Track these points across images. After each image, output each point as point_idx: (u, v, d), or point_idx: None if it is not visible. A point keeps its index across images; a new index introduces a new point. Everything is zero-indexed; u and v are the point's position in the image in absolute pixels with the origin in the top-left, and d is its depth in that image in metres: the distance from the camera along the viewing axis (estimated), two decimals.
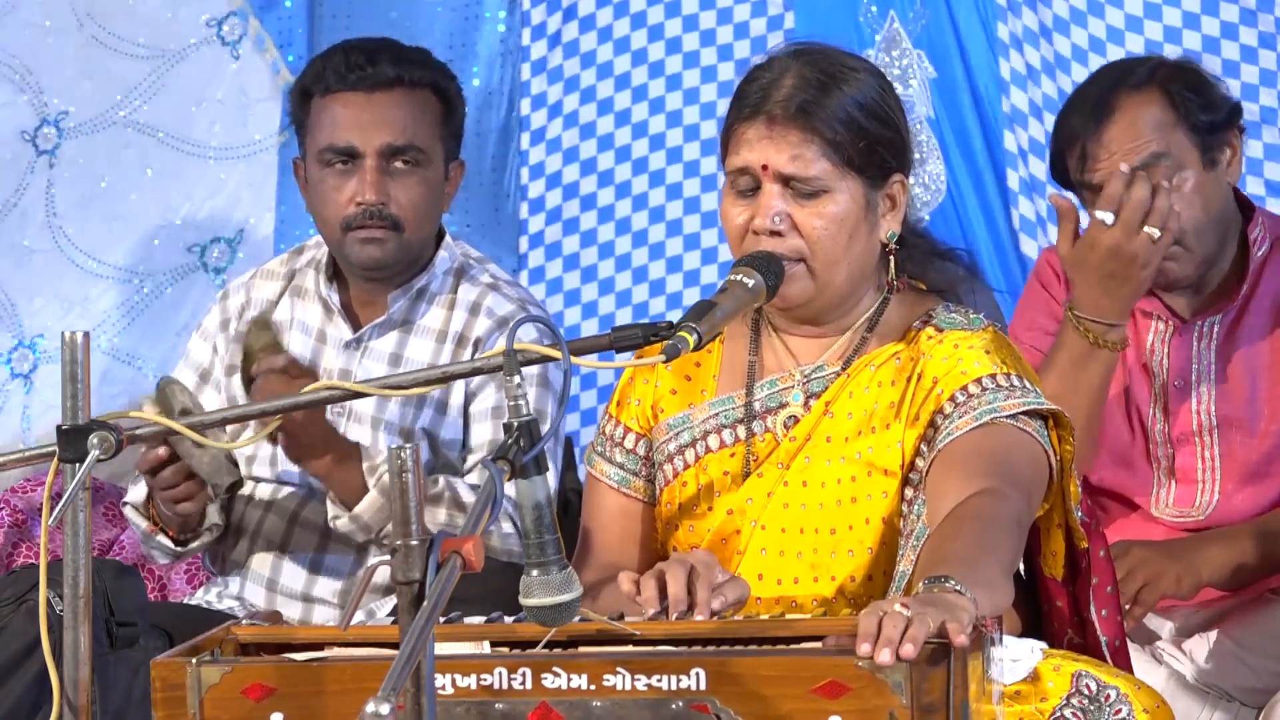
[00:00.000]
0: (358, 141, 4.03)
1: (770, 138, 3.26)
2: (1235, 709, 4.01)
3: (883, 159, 3.29)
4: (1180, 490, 4.05)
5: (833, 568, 3.28)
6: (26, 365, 5.26)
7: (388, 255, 4.04)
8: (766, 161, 3.26)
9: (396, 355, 4.08)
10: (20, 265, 5.26)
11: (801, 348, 3.38)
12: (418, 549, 2.46)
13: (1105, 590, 3.38)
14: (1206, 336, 4.06)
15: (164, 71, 5.28)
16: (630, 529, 3.46)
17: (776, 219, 3.25)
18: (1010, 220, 5.05)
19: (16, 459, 3.21)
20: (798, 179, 3.25)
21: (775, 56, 3.35)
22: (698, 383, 3.43)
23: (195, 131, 5.30)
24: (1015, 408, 3.22)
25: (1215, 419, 4.04)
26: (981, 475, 3.12)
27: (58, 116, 5.24)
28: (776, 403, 3.36)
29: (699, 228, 5.18)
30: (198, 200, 5.31)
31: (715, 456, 3.37)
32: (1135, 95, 3.96)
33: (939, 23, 5.03)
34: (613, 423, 3.48)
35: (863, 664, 2.64)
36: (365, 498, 3.88)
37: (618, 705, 2.70)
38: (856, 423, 3.30)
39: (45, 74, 5.23)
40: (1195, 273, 4.01)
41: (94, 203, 5.27)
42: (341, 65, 4.05)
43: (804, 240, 3.26)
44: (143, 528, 3.98)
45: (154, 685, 2.80)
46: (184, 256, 5.29)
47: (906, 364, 3.30)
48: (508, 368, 2.67)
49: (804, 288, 3.28)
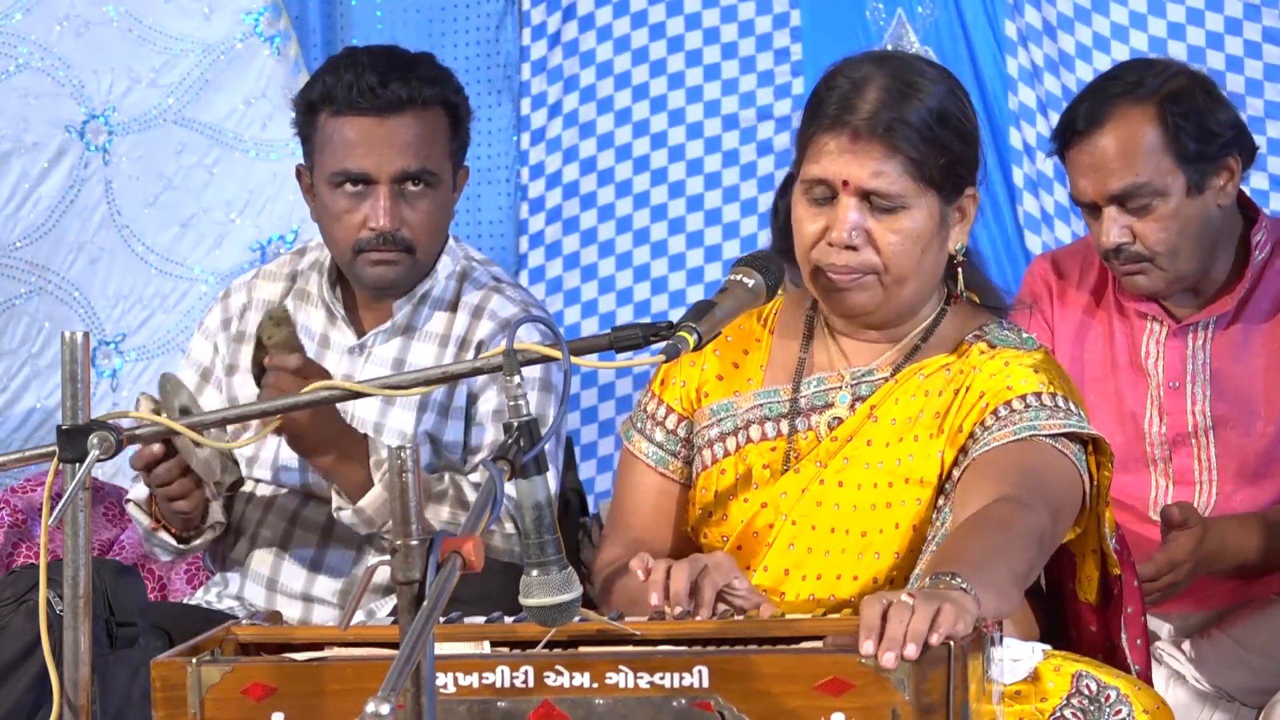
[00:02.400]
0: (371, 168, 3.96)
1: (853, 152, 3.23)
2: (1235, 709, 4.00)
3: (959, 175, 3.28)
4: (1178, 492, 4.04)
5: (857, 569, 3.27)
6: (110, 365, 5.28)
7: (400, 276, 4.03)
8: (848, 177, 3.23)
9: (400, 360, 4.07)
10: (91, 264, 5.26)
11: (854, 350, 3.37)
12: (418, 549, 2.45)
13: (1138, 619, 3.37)
14: (1201, 338, 4.05)
15: (208, 67, 5.29)
16: (665, 508, 3.45)
17: (854, 234, 3.24)
18: (1016, 216, 5.05)
19: (16, 459, 3.21)
20: (879, 194, 3.24)
21: (855, 62, 3.32)
22: (744, 371, 3.42)
23: (248, 129, 5.31)
24: (1056, 428, 3.21)
25: (1211, 419, 4.03)
26: (1010, 485, 3.11)
27: (105, 111, 5.24)
28: (822, 401, 3.35)
29: (701, 225, 5.18)
30: (255, 199, 5.32)
31: (755, 448, 3.36)
32: (1133, 110, 3.92)
33: (947, 19, 5.03)
34: (655, 400, 3.47)
35: (865, 661, 2.63)
36: (370, 491, 3.88)
37: (620, 703, 2.69)
38: (899, 429, 3.29)
39: (82, 68, 5.23)
40: (1171, 287, 4.00)
41: (157, 201, 5.28)
42: (351, 86, 3.97)
43: (879, 255, 3.25)
44: (145, 525, 3.98)
45: (154, 685, 2.80)
46: (246, 255, 5.31)
47: (956, 376, 3.29)
48: (508, 368, 2.67)
49: (872, 298, 3.28)
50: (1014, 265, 5.00)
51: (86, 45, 5.23)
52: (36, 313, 5.23)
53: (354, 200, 3.98)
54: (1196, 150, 3.91)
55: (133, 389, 5.26)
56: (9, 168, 5.21)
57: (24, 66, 5.18)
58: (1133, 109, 3.92)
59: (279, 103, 5.30)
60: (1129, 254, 3.94)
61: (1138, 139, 3.91)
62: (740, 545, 3.34)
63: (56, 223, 5.24)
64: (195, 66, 5.29)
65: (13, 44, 5.18)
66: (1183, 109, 3.92)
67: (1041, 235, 4.99)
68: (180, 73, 5.28)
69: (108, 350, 5.26)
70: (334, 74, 4.01)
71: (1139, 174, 3.90)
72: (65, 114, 5.23)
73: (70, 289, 5.25)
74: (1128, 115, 3.92)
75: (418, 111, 3.98)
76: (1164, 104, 3.92)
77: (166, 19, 5.27)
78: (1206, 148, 3.92)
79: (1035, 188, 5.00)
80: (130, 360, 5.30)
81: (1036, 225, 5.00)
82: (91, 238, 5.26)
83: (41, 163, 5.23)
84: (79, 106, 5.24)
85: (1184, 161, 3.91)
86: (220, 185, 5.32)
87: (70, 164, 5.25)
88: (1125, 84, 3.97)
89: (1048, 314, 4.14)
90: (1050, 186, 4.96)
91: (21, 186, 5.20)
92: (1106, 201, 3.92)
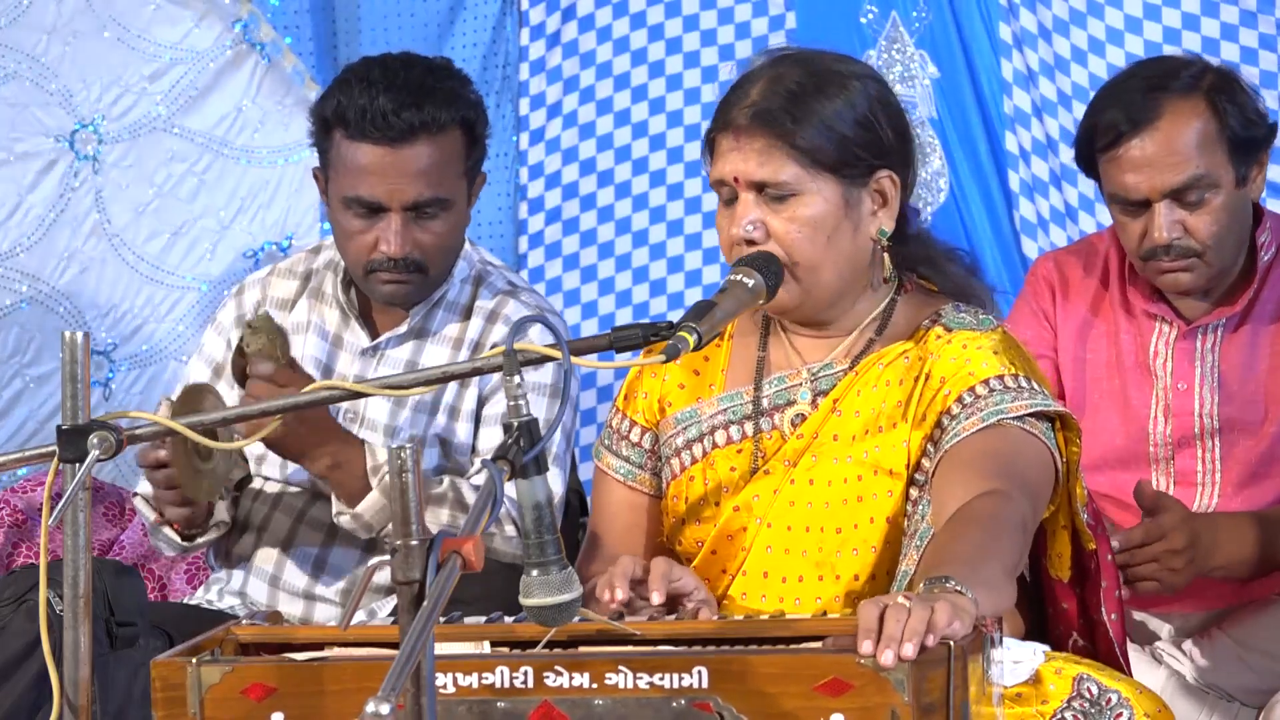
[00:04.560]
0: (383, 197, 3.92)
1: (738, 147, 3.27)
2: (1235, 709, 4.01)
3: (858, 157, 3.28)
4: (1178, 492, 4.04)
5: (838, 566, 3.28)
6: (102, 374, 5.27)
7: (411, 295, 4.02)
8: (738, 172, 3.27)
9: (413, 363, 4.06)
10: (82, 273, 5.26)
11: (809, 346, 3.38)
12: (418, 549, 2.46)
13: (1114, 594, 3.37)
14: (1210, 339, 4.05)
15: (198, 75, 5.28)
16: (636, 522, 3.47)
17: (750, 227, 3.25)
18: (1012, 221, 5.05)
19: (16, 459, 3.21)
20: (768, 185, 3.25)
21: (756, 65, 3.35)
22: (706, 378, 3.43)
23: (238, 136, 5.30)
24: (1023, 409, 3.21)
25: (1218, 422, 4.03)
26: (987, 477, 3.11)
27: (94, 120, 5.24)
28: (784, 400, 3.36)
29: (700, 227, 5.18)
30: (247, 206, 5.32)
31: (722, 452, 3.37)
32: (1181, 103, 3.91)
33: (942, 23, 5.03)
34: (619, 416, 3.49)
35: (864, 662, 2.64)
36: (367, 497, 3.88)
37: (620, 704, 2.70)
38: (864, 421, 3.30)
39: (70, 77, 5.23)
40: (1209, 284, 4.00)
41: (147, 209, 5.28)
42: (364, 112, 3.91)
43: (781, 246, 3.26)
44: (150, 519, 3.98)
45: (154, 685, 2.80)
46: (241, 262, 5.30)
47: (915, 363, 3.29)
48: (508, 368, 2.67)
49: (789, 291, 3.28)
50: (1010, 269, 5.00)
51: (75, 54, 5.21)
52: (28, 322, 5.22)
53: (366, 223, 3.96)
54: (1244, 138, 3.92)
55: (125, 397, 5.26)
56: None
57: (12, 76, 5.17)
58: (1183, 103, 3.91)
59: (269, 110, 5.29)
60: (1180, 249, 3.92)
61: (1194, 132, 3.90)
62: (715, 550, 3.35)
63: (47, 232, 5.23)
64: (185, 74, 5.28)
65: (0, 54, 5.18)
66: (1228, 98, 3.93)
67: (1038, 240, 4.99)
68: (170, 81, 5.27)
69: (99, 360, 5.25)
70: (347, 93, 3.95)
71: (1198, 167, 3.89)
72: (55, 123, 5.22)
73: (61, 298, 5.24)
74: (1180, 109, 3.91)
75: (432, 137, 3.93)
76: (1211, 95, 3.92)
77: (155, 27, 5.25)
78: (1253, 134, 3.94)
79: (1031, 192, 5.00)
80: (122, 369, 5.30)
81: (1033, 230, 5.00)
82: (82, 246, 5.25)
83: (31, 172, 5.22)
84: (68, 116, 5.23)
85: (1233, 152, 3.92)
86: (211, 193, 5.31)
87: (60, 173, 5.23)
88: (1161, 79, 3.95)
89: (1051, 313, 4.15)
90: (1046, 190, 4.96)
91: (11, 196, 5.19)
92: (1161, 197, 3.90)
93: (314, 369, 4.05)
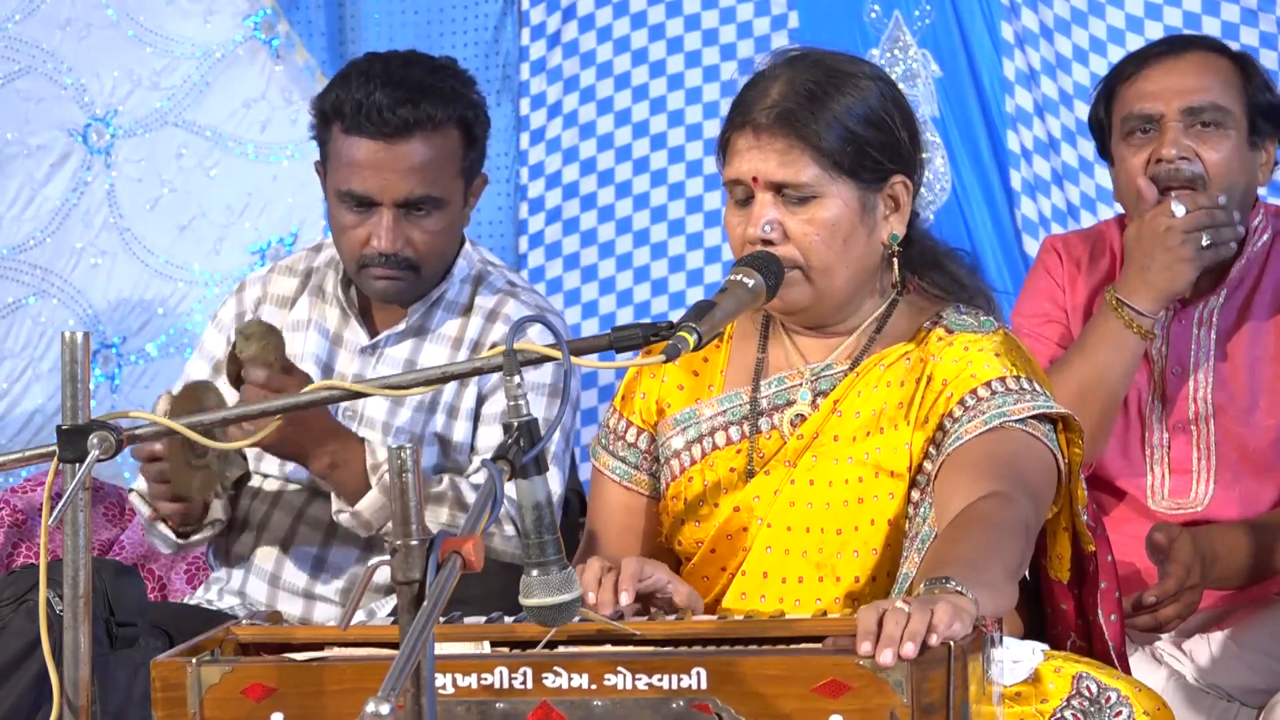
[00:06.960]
0: (375, 192, 3.94)
1: (758, 147, 3.26)
2: (1235, 709, 4.01)
3: (876, 161, 3.28)
4: (1175, 481, 4.05)
5: (838, 568, 3.28)
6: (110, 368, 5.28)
7: (404, 291, 4.02)
8: (756, 172, 3.26)
9: (411, 362, 4.06)
10: (93, 267, 5.26)
11: (809, 347, 3.38)
12: (418, 549, 2.46)
13: (1112, 595, 3.37)
14: (1206, 323, 4.06)
15: (208, 70, 5.29)
16: (632, 524, 3.46)
17: (768, 227, 3.25)
18: (1014, 219, 5.05)
19: (17, 459, 3.21)
20: (788, 186, 3.25)
21: (770, 65, 3.35)
22: (705, 378, 3.43)
23: (248, 131, 5.31)
24: (1025, 411, 3.21)
25: (1211, 406, 4.04)
26: (990, 479, 3.11)
27: (107, 114, 5.24)
28: (784, 400, 3.36)
29: (701, 227, 5.18)
30: (255, 201, 5.32)
31: (722, 453, 3.37)
32: (1209, 52, 4.06)
33: (944, 22, 5.03)
34: (616, 416, 3.49)
35: (864, 663, 2.64)
36: (367, 495, 3.88)
37: (619, 705, 2.70)
38: (864, 422, 3.29)
39: (84, 71, 5.23)
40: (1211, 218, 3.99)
41: (158, 204, 5.28)
42: (360, 106, 3.92)
43: (797, 247, 3.26)
44: (145, 515, 3.98)
45: (154, 685, 2.80)
46: (246, 257, 5.31)
47: (916, 365, 3.29)
48: (508, 367, 2.67)
49: (802, 293, 3.28)
50: (1012, 268, 5.00)
51: (88, 49, 5.23)
52: (39, 316, 5.23)
53: (359, 217, 3.97)
54: (1262, 104, 4.01)
55: (133, 391, 5.27)
56: (12, 171, 5.21)
57: (26, 70, 5.19)
58: (1210, 52, 4.06)
59: (279, 105, 5.30)
60: (1185, 175, 3.96)
61: (1220, 70, 4.02)
62: (714, 549, 3.35)
63: (60, 226, 5.24)
64: (195, 69, 5.29)
65: (14, 48, 5.19)
66: (1253, 67, 4.06)
67: (1039, 239, 4.99)
68: (180, 75, 5.29)
69: (109, 353, 5.26)
70: (346, 87, 3.96)
71: (1219, 97, 3.98)
72: (68, 117, 5.23)
73: (72, 292, 5.26)
74: (1208, 55, 4.05)
75: (427, 135, 3.94)
76: (1237, 57, 4.07)
77: (167, 22, 5.27)
78: (1271, 102, 4.03)
79: (1033, 191, 5.00)
80: (131, 363, 5.30)
81: (1034, 228, 5.00)
82: (93, 240, 5.26)
83: (45, 166, 5.23)
84: (81, 110, 5.24)
85: (1252, 109, 4.00)
86: (220, 188, 5.32)
87: (73, 167, 5.25)
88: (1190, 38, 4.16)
89: (1062, 282, 4.15)
90: (1047, 190, 4.96)
91: (25, 190, 5.20)
92: (1177, 115, 3.97)
93: (314, 366, 4.06)
